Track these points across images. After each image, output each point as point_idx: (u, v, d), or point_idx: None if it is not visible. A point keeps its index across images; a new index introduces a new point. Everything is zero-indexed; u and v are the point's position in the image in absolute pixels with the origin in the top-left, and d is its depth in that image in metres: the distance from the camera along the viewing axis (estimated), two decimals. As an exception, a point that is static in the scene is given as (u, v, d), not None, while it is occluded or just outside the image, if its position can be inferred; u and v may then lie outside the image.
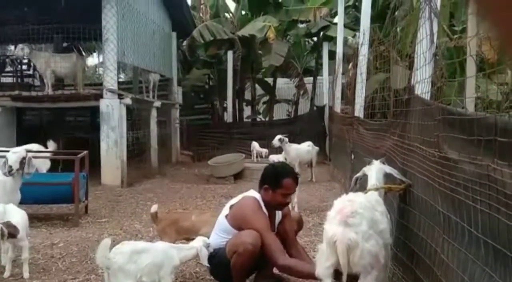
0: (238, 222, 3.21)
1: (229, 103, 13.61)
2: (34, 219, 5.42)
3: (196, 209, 6.25)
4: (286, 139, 8.14)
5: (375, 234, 2.49)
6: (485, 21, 0.52)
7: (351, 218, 2.45)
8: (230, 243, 3.15)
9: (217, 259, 3.20)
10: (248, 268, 3.16)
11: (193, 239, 3.25)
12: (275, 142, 8.04)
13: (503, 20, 0.51)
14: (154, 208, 3.83)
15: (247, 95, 14.91)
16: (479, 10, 0.53)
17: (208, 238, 3.24)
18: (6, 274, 3.60)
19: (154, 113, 10.34)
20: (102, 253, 2.78)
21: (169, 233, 3.69)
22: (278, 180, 3.23)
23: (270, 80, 15.00)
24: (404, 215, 3.02)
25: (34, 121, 12.38)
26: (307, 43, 15.67)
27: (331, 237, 2.44)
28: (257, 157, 10.72)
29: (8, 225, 3.44)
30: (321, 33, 13.02)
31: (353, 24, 12.03)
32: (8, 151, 4.45)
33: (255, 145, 10.83)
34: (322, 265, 2.53)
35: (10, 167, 4.20)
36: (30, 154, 4.44)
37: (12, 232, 3.44)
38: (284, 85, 15.96)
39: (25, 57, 9.10)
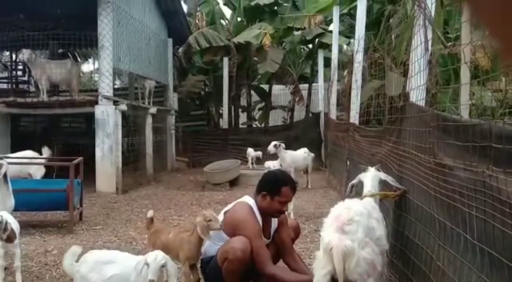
0: (230, 229, 3.18)
1: (225, 109, 13.60)
2: (28, 226, 5.38)
3: (188, 219, 6.21)
4: (283, 145, 8.13)
5: (371, 242, 2.48)
6: (479, 28, 0.53)
7: (348, 225, 2.45)
8: (220, 250, 3.12)
9: (210, 267, 3.18)
10: (240, 275, 3.11)
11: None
12: (270, 148, 8.03)
13: (497, 27, 0.51)
14: (150, 213, 3.77)
15: (243, 102, 14.92)
16: (473, 17, 0.53)
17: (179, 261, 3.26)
18: (-1, 282, 3.57)
19: (149, 119, 10.32)
20: (68, 260, 2.80)
21: (150, 242, 3.60)
22: (277, 187, 3.19)
23: (265, 86, 15.03)
24: (399, 221, 3.02)
25: (29, 128, 12.34)
26: (302, 50, 15.71)
27: (327, 244, 2.43)
28: (252, 163, 10.71)
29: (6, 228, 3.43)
30: (316, 40, 13.09)
31: (348, 32, 12.11)
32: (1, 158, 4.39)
33: (250, 151, 10.83)
34: (319, 273, 2.53)
35: None
36: (2, 161, 4.18)
37: (10, 235, 3.43)
38: (280, 92, 16.00)
39: (31, 62, 9.02)
